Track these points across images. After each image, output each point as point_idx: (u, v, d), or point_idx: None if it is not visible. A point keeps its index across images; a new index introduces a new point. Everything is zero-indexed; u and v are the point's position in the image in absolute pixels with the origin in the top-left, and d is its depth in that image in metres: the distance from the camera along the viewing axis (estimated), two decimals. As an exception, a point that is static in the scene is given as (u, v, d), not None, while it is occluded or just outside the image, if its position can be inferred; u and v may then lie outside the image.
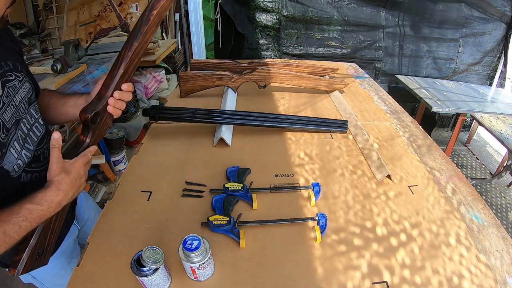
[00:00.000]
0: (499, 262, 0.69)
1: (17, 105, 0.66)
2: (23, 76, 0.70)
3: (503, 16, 2.68)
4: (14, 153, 0.63)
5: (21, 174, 0.65)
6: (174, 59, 2.92)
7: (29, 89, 0.72)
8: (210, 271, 0.61)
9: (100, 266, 0.63)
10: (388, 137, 1.13)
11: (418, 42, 2.72)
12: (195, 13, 2.46)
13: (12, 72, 0.67)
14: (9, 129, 0.62)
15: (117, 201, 0.79)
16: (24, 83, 0.70)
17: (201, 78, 1.27)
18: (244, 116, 1.06)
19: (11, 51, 0.71)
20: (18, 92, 0.67)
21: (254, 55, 2.60)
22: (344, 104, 1.30)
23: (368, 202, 0.83)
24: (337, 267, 0.65)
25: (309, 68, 1.50)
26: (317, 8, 2.51)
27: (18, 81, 0.68)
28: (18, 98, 0.67)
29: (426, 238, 0.73)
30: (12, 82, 0.66)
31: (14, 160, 0.63)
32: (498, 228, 0.78)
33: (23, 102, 0.69)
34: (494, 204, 2.30)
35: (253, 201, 0.78)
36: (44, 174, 0.61)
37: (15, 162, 0.63)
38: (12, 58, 0.69)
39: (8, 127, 0.62)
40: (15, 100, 0.65)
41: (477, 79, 2.93)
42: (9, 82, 0.65)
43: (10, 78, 0.66)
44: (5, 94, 0.63)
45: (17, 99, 0.66)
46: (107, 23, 2.64)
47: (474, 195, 0.88)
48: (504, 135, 2.09)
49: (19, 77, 0.69)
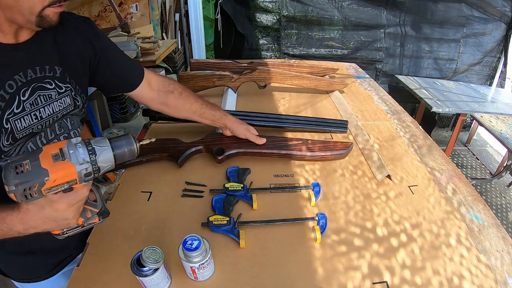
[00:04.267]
0: (499, 262, 0.69)
1: (43, 117, 0.60)
2: (67, 88, 0.64)
3: (503, 16, 2.68)
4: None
5: None
6: (174, 59, 2.92)
7: (68, 105, 0.65)
8: (210, 271, 0.61)
9: (100, 266, 0.63)
10: (389, 138, 1.13)
11: (419, 43, 2.72)
12: (195, 13, 2.47)
13: (54, 81, 0.61)
14: (17, 139, 0.57)
15: (117, 201, 0.79)
16: (64, 96, 0.64)
17: (201, 78, 1.27)
18: (244, 116, 1.06)
19: (70, 55, 0.65)
20: (50, 104, 0.61)
21: (254, 55, 2.60)
22: (344, 104, 1.30)
23: (369, 203, 0.82)
24: (337, 268, 0.65)
25: (309, 68, 1.50)
26: (318, 7, 2.51)
27: (56, 92, 0.62)
28: (48, 111, 0.61)
29: (426, 238, 0.73)
30: (47, 91, 0.60)
31: None
32: (498, 228, 0.78)
33: (52, 116, 0.62)
34: (494, 204, 2.30)
35: (253, 201, 0.78)
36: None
37: None
38: (65, 65, 0.64)
39: (17, 137, 0.57)
40: (42, 111, 0.60)
41: (477, 79, 2.93)
42: (43, 90, 0.59)
43: (48, 86, 0.60)
44: (31, 101, 0.57)
45: (46, 112, 0.60)
46: (107, 23, 2.64)
47: (474, 195, 0.88)
48: (504, 135, 2.09)
49: (60, 88, 0.62)
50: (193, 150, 0.93)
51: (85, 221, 0.53)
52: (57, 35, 0.63)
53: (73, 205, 0.47)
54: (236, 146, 0.94)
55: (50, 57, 0.61)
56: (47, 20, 0.53)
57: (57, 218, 0.47)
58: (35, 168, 0.41)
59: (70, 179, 0.44)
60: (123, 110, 2.47)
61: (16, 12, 0.50)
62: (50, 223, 0.48)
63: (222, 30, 2.50)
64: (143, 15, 2.76)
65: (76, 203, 0.47)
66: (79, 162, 0.43)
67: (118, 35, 2.46)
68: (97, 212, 0.53)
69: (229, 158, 0.94)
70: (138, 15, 2.74)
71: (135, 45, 2.25)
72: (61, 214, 0.47)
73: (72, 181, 0.44)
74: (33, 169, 0.41)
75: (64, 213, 0.47)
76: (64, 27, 0.65)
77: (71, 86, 0.66)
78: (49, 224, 0.48)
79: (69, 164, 0.43)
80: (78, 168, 0.43)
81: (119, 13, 2.45)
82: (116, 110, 2.51)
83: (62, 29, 0.64)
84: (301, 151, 0.94)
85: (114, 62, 0.76)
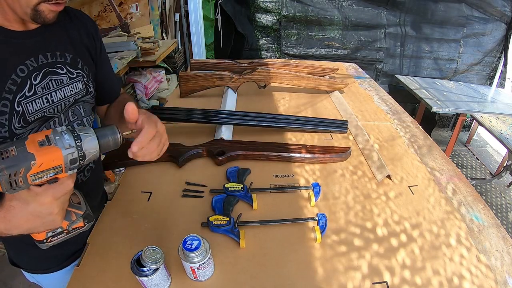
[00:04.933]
0: (499, 263, 0.69)
1: (54, 101, 0.62)
2: (78, 74, 0.66)
3: (503, 16, 2.69)
4: None
5: None
6: (174, 59, 2.92)
7: (80, 90, 0.68)
8: (210, 271, 0.61)
9: (100, 266, 0.63)
10: (389, 138, 1.13)
11: (419, 43, 2.72)
12: (195, 13, 2.47)
13: (65, 66, 0.63)
14: (29, 122, 0.59)
15: (117, 202, 0.79)
16: (76, 81, 0.66)
17: (201, 78, 1.27)
18: (244, 116, 1.06)
19: (79, 45, 0.67)
20: (62, 89, 0.63)
21: (254, 55, 2.60)
22: (344, 105, 1.30)
23: (369, 203, 0.82)
24: (337, 268, 0.65)
25: (309, 68, 1.50)
26: (318, 7, 2.51)
27: (67, 77, 0.64)
28: (59, 95, 0.63)
29: (426, 238, 0.73)
30: (59, 76, 0.62)
31: None
32: (498, 228, 0.78)
33: (64, 101, 0.64)
34: (494, 204, 2.30)
35: (253, 201, 0.78)
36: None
37: None
38: (76, 53, 0.66)
39: (29, 120, 0.58)
40: (54, 95, 0.62)
41: (477, 79, 2.94)
42: (54, 75, 0.62)
43: (59, 71, 0.62)
44: (42, 85, 0.59)
45: (58, 96, 0.63)
46: (107, 23, 2.63)
47: (474, 196, 0.88)
48: (504, 135, 2.09)
49: (71, 74, 0.65)
50: (195, 152, 0.93)
51: (70, 224, 0.52)
52: (66, 25, 0.66)
53: (58, 198, 0.46)
54: (237, 148, 0.94)
55: (61, 44, 0.63)
56: (42, 16, 0.54)
57: (42, 214, 0.45)
58: (21, 152, 0.41)
59: (56, 164, 0.43)
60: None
61: (16, 2, 0.52)
62: (35, 220, 0.46)
63: (222, 30, 2.51)
64: (143, 15, 2.76)
65: (62, 196, 0.46)
66: (65, 146, 0.43)
67: (118, 35, 2.45)
68: (81, 214, 0.53)
69: (230, 160, 0.94)
70: (138, 15, 2.74)
71: (135, 45, 2.25)
72: (46, 208, 0.45)
73: (58, 167, 0.44)
74: (19, 154, 0.41)
75: (50, 207, 0.45)
76: (72, 20, 0.67)
77: (83, 72, 0.68)
78: (33, 222, 0.46)
79: (55, 148, 0.43)
80: (65, 152, 0.43)
81: (119, 13, 2.44)
82: (116, 110, 2.51)
83: (70, 21, 0.67)
84: (301, 153, 0.94)
85: (105, 69, 0.78)
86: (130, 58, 2.14)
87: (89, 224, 0.55)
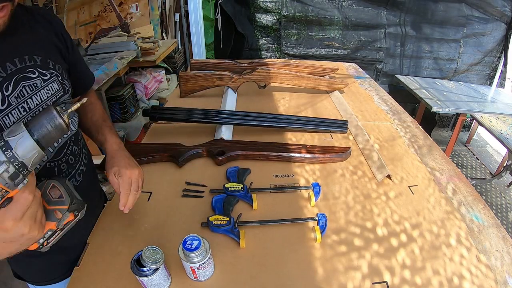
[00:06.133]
0: (499, 263, 0.68)
1: (31, 108, 0.58)
2: (52, 74, 0.63)
3: (503, 16, 2.68)
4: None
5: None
6: (174, 59, 2.92)
7: (57, 91, 0.64)
8: (210, 271, 0.61)
9: (100, 266, 0.63)
10: (389, 138, 1.13)
11: (419, 43, 2.72)
12: (195, 13, 2.47)
13: (36, 69, 0.60)
14: None
15: (117, 201, 0.79)
16: (51, 83, 0.62)
17: (201, 78, 1.27)
18: (244, 116, 1.06)
19: (49, 44, 0.64)
20: (37, 93, 0.59)
21: (254, 55, 2.60)
22: (344, 105, 1.30)
23: (369, 203, 0.82)
24: (337, 268, 0.65)
25: (309, 68, 1.50)
26: (318, 7, 2.51)
27: (41, 80, 0.60)
28: (36, 100, 0.59)
29: (426, 238, 0.73)
30: (31, 81, 0.58)
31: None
32: (498, 228, 0.78)
33: (42, 105, 0.60)
34: (494, 204, 2.30)
35: (253, 201, 0.78)
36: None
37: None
38: (46, 53, 0.62)
39: None
40: (30, 102, 0.58)
41: (477, 79, 2.93)
42: (26, 80, 0.57)
43: (31, 75, 0.58)
44: (16, 94, 0.55)
45: (34, 101, 0.58)
46: (107, 23, 2.64)
47: (474, 195, 0.88)
48: (504, 135, 2.09)
49: (44, 75, 0.61)
50: (195, 152, 0.93)
51: (58, 223, 0.46)
52: (32, 26, 0.62)
53: (22, 218, 0.40)
54: (237, 148, 0.94)
55: (28, 47, 0.59)
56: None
57: (14, 238, 0.41)
58: None
59: None
60: (123, 110, 2.47)
61: None
62: (10, 245, 0.42)
63: (222, 30, 2.51)
64: (143, 15, 2.76)
65: (23, 213, 0.40)
66: None
67: (118, 35, 2.45)
68: (66, 208, 0.46)
69: (230, 160, 0.94)
70: (138, 15, 2.74)
71: (135, 45, 2.24)
72: (14, 232, 0.40)
73: (0, 190, 0.36)
74: None
75: (16, 230, 0.40)
76: (37, 20, 0.64)
77: (56, 71, 0.64)
78: (10, 247, 0.42)
79: None
80: None
81: (119, 13, 2.44)
82: (116, 110, 2.51)
83: (35, 22, 0.63)
84: (301, 153, 0.94)
85: (79, 66, 0.76)
86: (130, 58, 2.14)
87: (81, 212, 0.50)
